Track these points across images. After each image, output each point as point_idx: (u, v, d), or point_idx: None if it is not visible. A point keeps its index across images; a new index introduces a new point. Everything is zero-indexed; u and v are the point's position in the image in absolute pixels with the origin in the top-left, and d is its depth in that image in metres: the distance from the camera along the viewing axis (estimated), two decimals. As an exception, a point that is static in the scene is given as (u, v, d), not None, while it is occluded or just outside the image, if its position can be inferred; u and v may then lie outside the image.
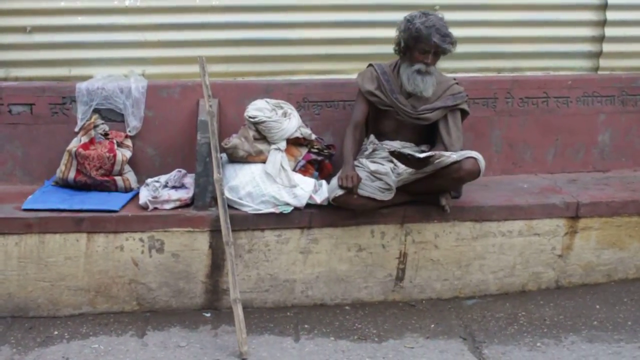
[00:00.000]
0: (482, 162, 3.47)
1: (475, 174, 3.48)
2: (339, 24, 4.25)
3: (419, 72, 3.60)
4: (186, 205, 3.63)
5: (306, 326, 3.52)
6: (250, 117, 3.71)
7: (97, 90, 3.96)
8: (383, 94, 3.69)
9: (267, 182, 3.60)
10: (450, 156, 3.42)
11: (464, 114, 3.79)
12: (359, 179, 3.44)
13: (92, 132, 3.85)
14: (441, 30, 3.51)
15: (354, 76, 3.87)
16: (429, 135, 3.81)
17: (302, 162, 3.78)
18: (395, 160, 3.59)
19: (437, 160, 3.38)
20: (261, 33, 4.22)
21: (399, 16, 4.07)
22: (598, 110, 4.39)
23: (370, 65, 3.81)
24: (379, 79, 3.71)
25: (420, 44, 3.54)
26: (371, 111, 3.79)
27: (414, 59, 3.61)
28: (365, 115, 3.77)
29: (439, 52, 3.59)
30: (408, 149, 3.65)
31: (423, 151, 3.68)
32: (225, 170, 3.66)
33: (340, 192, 3.45)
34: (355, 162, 3.70)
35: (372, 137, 3.80)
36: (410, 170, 3.53)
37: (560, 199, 3.85)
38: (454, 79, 3.82)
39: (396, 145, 3.72)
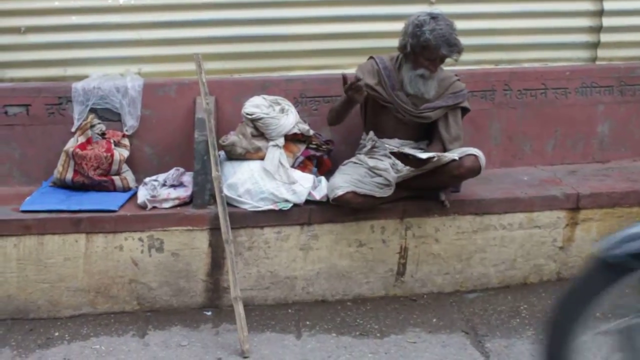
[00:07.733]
0: (482, 159, 3.45)
1: (475, 171, 3.46)
2: (335, 19, 4.24)
3: (422, 76, 3.53)
4: (185, 203, 3.62)
5: (308, 323, 3.51)
6: (247, 114, 3.69)
7: (93, 89, 3.94)
8: (384, 90, 3.62)
9: (266, 179, 3.58)
10: (451, 156, 3.40)
11: (465, 110, 3.76)
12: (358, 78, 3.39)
13: (89, 132, 3.83)
14: (450, 41, 3.41)
15: (351, 71, 3.80)
16: (427, 132, 3.77)
17: (301, 158, 3.76)
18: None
19: (436, 159, 3.36)
20: (257, 29, 4.20)
21: (396, 10, 4.08)
22: (597, 100, 4.37)
23: (371, 57, 3.72)
24: (380, 73, 3.62)
25: (428, 52, 3.45)
26: (370, 107, 3.76)
27: (418, 64, 3.52)
28: None
29: (444, 59, 3.52)
30: (408, 147, 3.62)
31: (422, 149, 3.65)
32: (223, 168, 3.64)
33: (339, 191, 3.42)
34: (354, 159, 3.68)
35: (371, 133, 3.75)
36: (409, 167, 3.50)
37: (560, 191, 3.83)
38: (456, 75, 3.75)
39: (394, 144, 3.67)
